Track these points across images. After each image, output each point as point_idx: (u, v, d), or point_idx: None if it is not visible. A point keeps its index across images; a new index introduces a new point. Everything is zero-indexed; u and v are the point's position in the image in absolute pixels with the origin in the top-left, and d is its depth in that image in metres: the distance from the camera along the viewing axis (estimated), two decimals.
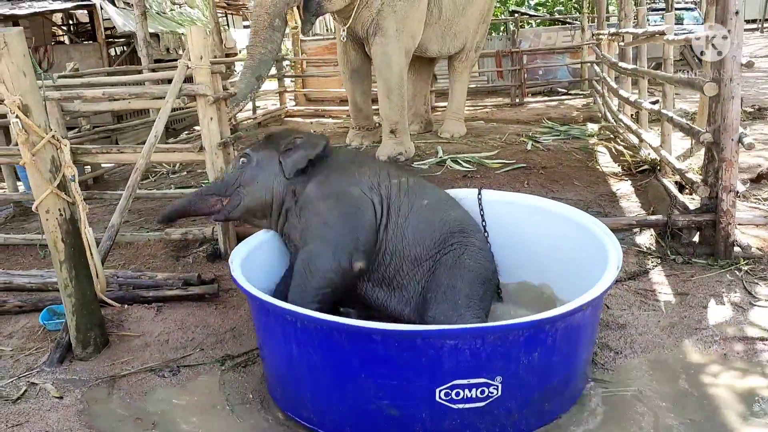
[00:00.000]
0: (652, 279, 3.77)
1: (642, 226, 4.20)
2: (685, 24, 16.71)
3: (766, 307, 3.36)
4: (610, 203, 5.03)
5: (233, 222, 4.04)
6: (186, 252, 4.50)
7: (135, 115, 8.87)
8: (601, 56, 8.64)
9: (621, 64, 6.86)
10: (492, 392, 2.30)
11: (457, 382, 2.26)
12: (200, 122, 4.05)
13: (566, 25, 15.23)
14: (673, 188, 4.73)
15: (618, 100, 7.41)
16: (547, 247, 3.27)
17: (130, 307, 3.63)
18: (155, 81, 6.82)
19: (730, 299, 3.46)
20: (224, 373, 3.04)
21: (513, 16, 17.03)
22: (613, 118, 8.04)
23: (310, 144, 3.16)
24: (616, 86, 7.40)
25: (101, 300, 3.24)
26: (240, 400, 2.80)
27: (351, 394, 2.35)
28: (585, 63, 12.08)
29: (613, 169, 6.11)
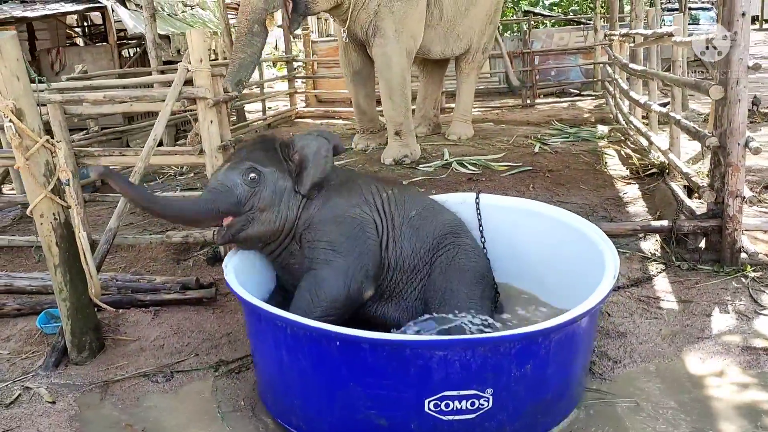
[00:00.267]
0: (656, 286, 3.69)
1: (646, 231, 4.12)
2: (701, 24, 16.53)
3: None
4: (615, 207, 4.96)
5: None
6: (187, 255, 4.50)
7: (145, 117, 8.90)
8: (613, 57, 8.54)
9: (631, 66, 6.77)
10: (483, 404, 2.25)
11: (447, 393, 2.22)
12: (200, 125, 4.03)
13: (579, 25, 15.10)
14: (681, 192, 4.64)
15: (629, 102, 7.32)
16: (542, 254, 3.23)
17: (128, 311, 3.63)
18: (160, 83, 6.83)
19: (735, 307, 3.38)
20: (218, 379, 3.02)
21: (526, 16, 16.91)
22: (624, 120, 7.95)
23: (321, 155, 2.90)
24: (627, 87, 7.31)
25: (96, 304, 3.23)
26: (232, 407, 2.78)
27: (340, 403, 2.32)
28: (597, 64, 11.96)
29: (621, 172, 6.03)
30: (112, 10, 10.04)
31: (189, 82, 3.97)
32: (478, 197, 3.40)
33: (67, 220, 3.04)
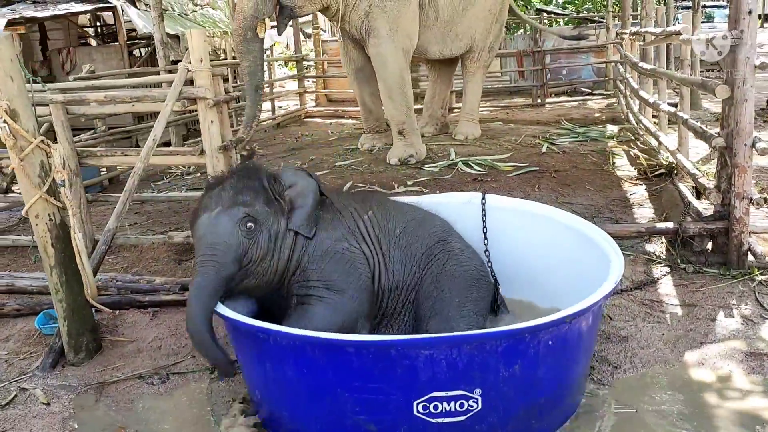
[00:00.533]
0: (660, 289, 3.63)
1: (651, 233, 4.05)
2: (716, 22, 16.32)
3: None
4: (622, 209, 4.88)
5: None
6: (188, 255, 4.48)
7: (154, 117, 8.90)
8: (624, 56, 8.44)
9: (641, 64, 6.67)
10: (472, 405, 2.21)
11: (435, 394, 2.19)
12: (201, 125, 4.02)
13: (592, 23, 14.97)
14: (689, 194, 4.57)
15: (639, 101, 7.23)
16: (544, 257, 3.17)
17: (126, 312, 3.63)
18: (167, 83, 6.84)
19: (740, 312, 3.31)
20: (213, 381, 3.00)
21: (539, 14, 16.79)
22: (634, 120, 7.85)
23: (308, 193, 2.72)
24: (637, 86, 7.22)
25: (92, 305, 3.22)
26: (225, 411, 2.75)
27: (328, 409, 2.29)
28: (609, 63, 11.84)
29: (629, 172, 5.95)
30: (122, 10, 10.09)
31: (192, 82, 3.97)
32: (484, 198, 3.33)
33: (62, 221, 3.04)
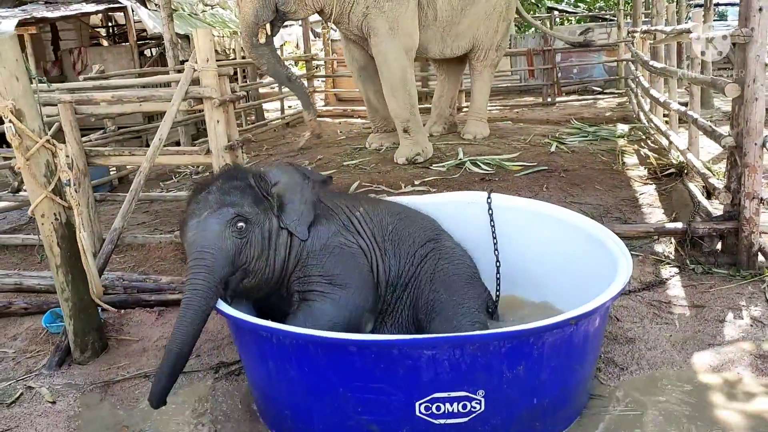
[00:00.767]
0: (668, 290, 3.59)
1: (660, 233, 4.00)
2: (729, 20, 16.15)
3: None
4: (631, 209, 4.84)
5: None
6: None
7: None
8: (635, 54, 8.37)
9: (651, 63, 6.61)
10: (475, 407, 2.20)
11: (438, 395, 2.17)
12: (207, 125, 4.03)
13: (603, 22, 14.88)
14: (698, 193, 4.52)
15: (650, 100, 7.17)
16: (551, 258, 3.14)
17: (132, 311, 3.64)
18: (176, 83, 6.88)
19: (749, 313, 3.27)
20: (217, 381, 3.00)
21: (550, 13, 16.70)
22: (645, 119, 7.79)
23: (300, 187, 2.71)
24: (648, 85, 7.16)
25: (98, 304, 3.23)
26: (228, 411, 2.75)
27: (330, 409, 2.28)
28: (620, 61, 11.76)
29: (639, 172, 5.89)
30: (132, 11, 10.14)
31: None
32: (490, 197, 3.31)
33: (68, 220, 3.05)
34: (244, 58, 10.37)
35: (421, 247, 2.87)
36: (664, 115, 7.01)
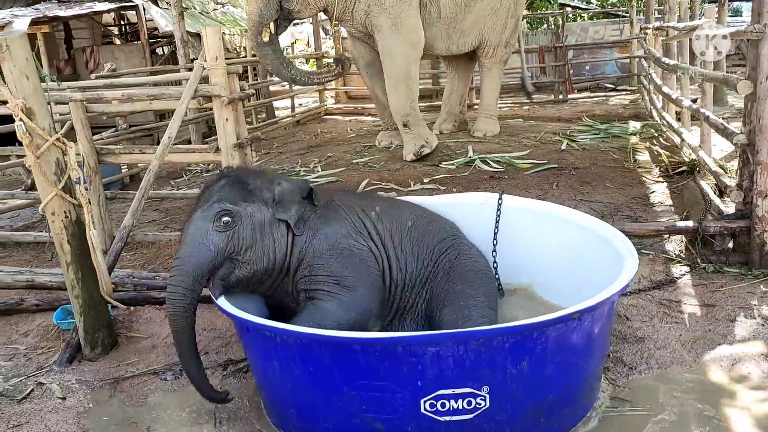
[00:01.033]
0: (679, 288, 3.56)
1: (671, 232, 3.97)
2: (744, 16, 15.97)
3: None
4: (642, 207, 4.80)
5: None
6: None
7: None
8: (647, 51, 8.30)
9: (663, 59, 6.55)
10: (480, 403, 2.20)
11: (442, 392, 2.17)
12: (216, 123, 4.04)
13: (616, 18, 14.77)
14: (710, 192, 4.48)
15: (662, 97, 7.11)
16: (560, 257, 3.12)
17: (142, 308, 3.65)
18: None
19: (761, 312, 3.23)
20: (225, 378, 3.02)
21: (562, 9, 16.59)
22: (657, 116, 7.73)
23: (297, 187, 2.75)
24: (660, 82, 7.10)
25: (107, 301, 3.26)
26: (235, 408, 2.76)
27: (335, 408, 2.28)
28: (633, 58, 11.67)
29: (651, 170, 5.85)
30: (144, 9, 10.19)
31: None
32: (501, 199, 3.30)
33: (78, 218, 3.07)
34: (254, 56, 10.39)
35: (441, 242, 2.91)
36: (677, 113, 6.95)
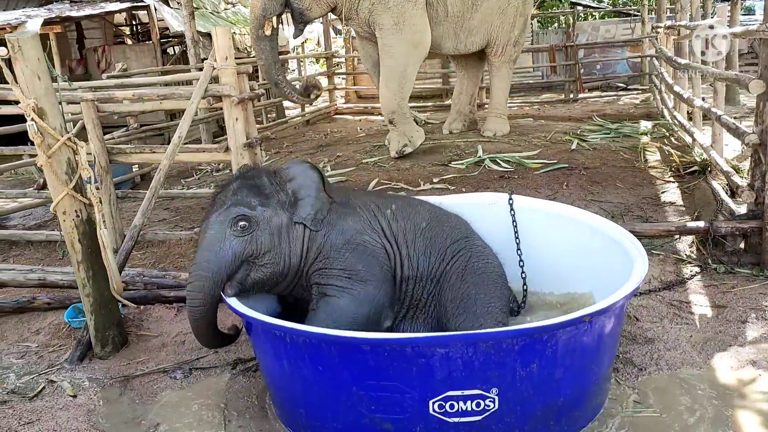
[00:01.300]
0: (689, 289, 3.54)
1: (682, 232, 3.94)
2: (757, 15, 15.83)
3: None
4: (652, 207, 4.77)
5: None
6: None
7: None
8: (658, 50, 8.25)
9: (675, 59, 6.52)
10: (489, 405, 2.19)
11: (451, 393, 2.17)
12: (226, 123, 4.06)
13: (627, 17, 14.69)
14: (722, 192, 4.44)
15: (674, 97, 7.07)
16: (568, 258, 3.11)
17: (152, 307, 3.68)
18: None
19: None
20: (233, 377, 3.03)
21: (573, 8, 16.52)
22: (668, 116, 7.68)
23: (311, 180, 2.76)
24: (672, 81, 7.05)
25: (118, 300, 3.28)
26: (244, 407, 2.77)
27: (343, 407, 2.28)
28: (644, 57, 11.60)
29: (662, 170, 5.81)
30: (155, 9, 10.24)
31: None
32: (511, 199, 3.30)
33: (89, 217, 3.10)
34: None
35: (454, 243, 2.90)
36: (688, 112, 6.91)
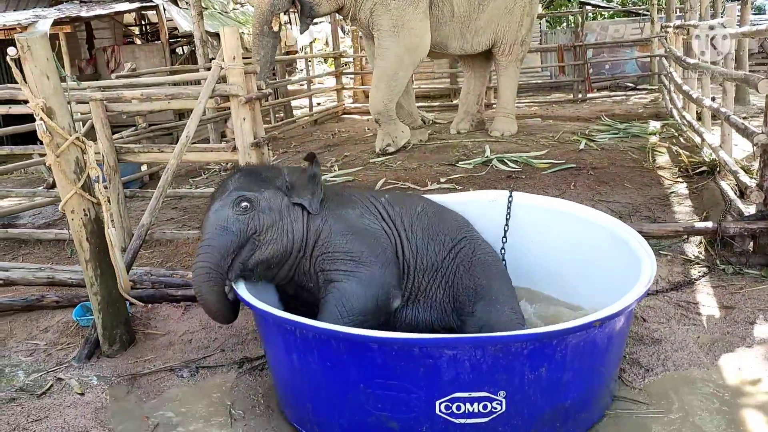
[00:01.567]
0: (697, 290, 3.52)
1: (690, 233, 3.92)
2: (767, 14, 15.74)
3: None
4: (660, 207, 4.75)
5: None
6: None
7: None
8: (668, 50, 8.21)
9: (684, 58, 6.48)
10: (495, 407, 2.19)
11: (458, 394, 2.17)
12: (233, 122, 4.07)
13: (636, 17, 14.63)
14: (731, 192, 4.42)
15: (683, 97, 7.03)
16: (574, 256, 3.10)
17: (160, 306, 3.70)
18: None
19: None
20: (240, 375, 3.04)
21: (582, 8, 16.46)
22: (677, 116, 7.64)
23: (306, 174, 2.82)
24: (681, 81, 7.02)
25: (125, 299, 3.29)
26: (250, 405, 2.78)
27: (350, 404, 2.29)
28: (653, 57, 11.54)
29: (670, 170, 5.78)
30: (164, 9, 10.28)
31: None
32: (511, 195, 3.31)
33: (97, 216, 3.11)
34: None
35: (452, 231, 2.93)
36: (697, 112, 6.87)
